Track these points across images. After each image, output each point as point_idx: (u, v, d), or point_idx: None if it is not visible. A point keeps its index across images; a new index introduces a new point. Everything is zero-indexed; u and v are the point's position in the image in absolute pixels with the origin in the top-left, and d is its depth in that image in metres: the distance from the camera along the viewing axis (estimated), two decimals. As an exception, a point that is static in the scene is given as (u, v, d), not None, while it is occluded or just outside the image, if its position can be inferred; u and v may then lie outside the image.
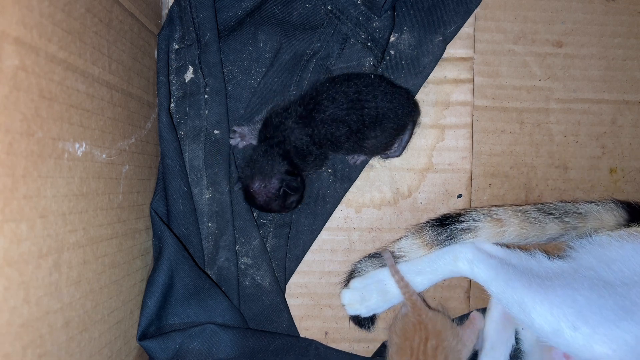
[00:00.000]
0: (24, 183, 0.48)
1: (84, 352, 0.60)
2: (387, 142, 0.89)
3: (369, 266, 0.91)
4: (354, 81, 0.84)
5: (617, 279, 0.75)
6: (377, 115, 0.83)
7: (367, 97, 0.83)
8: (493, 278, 0.81)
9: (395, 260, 0.88)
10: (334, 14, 0.91)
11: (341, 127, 0.83)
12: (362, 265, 0.92)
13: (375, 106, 0.83)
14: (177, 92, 0.90)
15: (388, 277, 0.87)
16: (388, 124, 0.85)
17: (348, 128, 0.83)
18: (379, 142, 0.86)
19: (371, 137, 0.84)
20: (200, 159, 0.90)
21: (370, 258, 0.92)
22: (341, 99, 0.82)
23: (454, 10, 0.94)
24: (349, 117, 0.82)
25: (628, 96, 0.99)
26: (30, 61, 0.49)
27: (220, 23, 0.92)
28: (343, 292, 0.90)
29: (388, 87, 0.85)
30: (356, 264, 0.93)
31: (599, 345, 0.70)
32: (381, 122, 0.84)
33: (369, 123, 0.83)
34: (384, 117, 0.83)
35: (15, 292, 0.47)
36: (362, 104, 0.82)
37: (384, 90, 0.84)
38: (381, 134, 0.85)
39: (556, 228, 0.86)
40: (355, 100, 0.82)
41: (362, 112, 0.82)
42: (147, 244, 0.84)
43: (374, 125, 0.84)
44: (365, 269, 0.91)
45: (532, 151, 0.99)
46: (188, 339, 0.81)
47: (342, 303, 0.90)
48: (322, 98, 0.83)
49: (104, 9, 0.66)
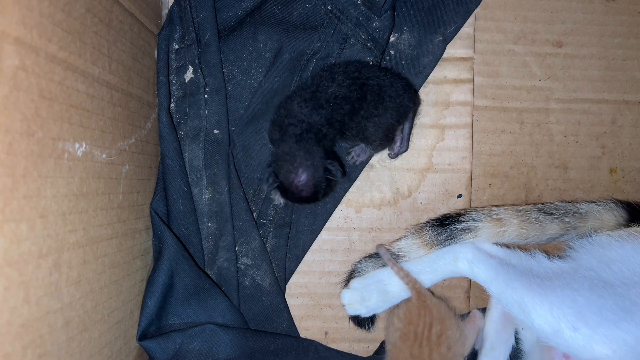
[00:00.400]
0: (24, 183, 0.48)
1: (84, 352, 0.60)
2: (389, 128, 0.87)
3: (369, 266, 0.91)
4: (354, 64, 0.85)
5: (617, 279, 0.75)
6: (378, 91, 0.83)
7: (367, 74, 0.83)
8: (493, 278, 0.81)
9: (396, 261, 0.88)
10: (334, 14, 0.91)
11: (344, 104, 0.82)
12: (362, 265, 0.92)
13: (376, 83, 0.83)
14: (177, 92, 0.90)
15: (388, 277, 0.87)
16: (389, 103, 0.84)
17: (350, 105, 0.82)
18: (382, 123, 0.85)
19: (373, 115, 0.83)
20: (200, 159, 0.90)
21: (370, 258, 0.92)
22: (341, 78, 0.82)
23: (454, 10, 0.94)
24: (350, 94, 0.82)
25: (628, 96, 0.99)
26: (30, 61, 0.49)
27: (220, 23, 0.92)
28: (343, 292, 0.90)
29: (389, 74, 0.86)
30: (356, 264, 0.93)
31: (599, 345, 0.70)
32: (383, 99, 0.83)
33: (370, 100, 0.82)
34: (385, 94, 0.83)
35: (15, 292, 0.47)
36: (363, 81, 0.82)
37: (385, 75, 0.85)
38: (383, 113, 0.84)
39: (556, 228, 0.86)
40: (355, 78, 0.82)
41: (363, 88, 0.82)
42: (147, 244, 0.84)
43: (376, 103, 0.83)
44: (365, 269, 0.91)
45: (532, 151, 0.99)
46: (188, 339, 0.81)
47: (342, 303, 0.90)
48: (322, 79, 0.83)
49: (104, 9, 0.66)
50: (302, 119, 0.81)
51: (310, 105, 0.81)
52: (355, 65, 0.85)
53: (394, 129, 0.89)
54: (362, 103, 0.82)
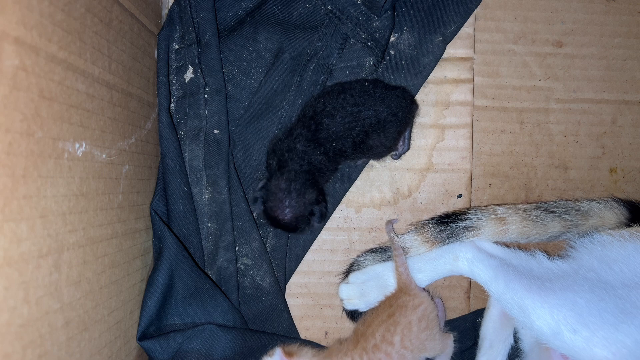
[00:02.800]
0: (24, 183, 0.48)
1: (84, 352, 0.60)
2: (392, 145, 0.89)
3: (369, 260, 0.91)
4: (349, 92, 0.84)
5: (618, 280, 0.75)
6: (377, 122, 0.84)
7: (364, 107, 0.83)
8: (493, 278, 0.81)
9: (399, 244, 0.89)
10: (334, 14, 0.91)
11: (345, 141, 0.84)
12: (363, 259, 0.91)
13: (374, 114, 0.83)
14: (177, 92, 0.90)
15: (388, 272, 0.87)
16: (390, 129, 0.85)
17: (352, 140, 0.84)
18: (384, 145, 0.87)
19: (376, 144, 0.86)
20: (200, 159, 0.90)
21: (371, 252, 0.92)
22: (340, 115, 0.83)
23: (454, 10, 0.94)
24: (351, 131, 0.83)
25: (628, 96, 0.99)
26: (30, 61, 0.49)
27: (220, 23, 0.92)
28: (341, 286, 0.90)
29: (384, 91, 0.85)
30: (357, 257, 0.92)
31: (599, 348, 0.69)
32: (383, 128, 0.85)
33: (371, 132, 0.84)
34: (385, 122, 0.84)
35: (15, 292, 0.47)
36: (361, 115, 0.83)
37: (381, 97, 0.84)
38: (385, 139, 0.86)
39: (558, 226, 0.85)
40: (354, 113, 0.83)
41: (362, 122, 0.83)
42: (147, 244, 0.84)
43: (377, 133, 0.84)
44: (365, 263, 0.91)
45: (532, 151, 0.99)
46: (188, 340, 0.81)
47: (340, 297, 0.90)
48: (322, 117, 0.83)
49: (104, 9, 0.66)
50: (304, 157, 0.83)
51: (312, 145, 0.83)
52: (351, 94, 0.84)
53: (397, 140, 0.91)
54: (363, 137, 0.84)
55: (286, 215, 0.82)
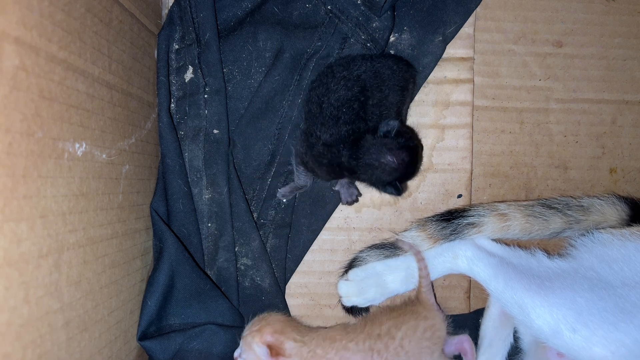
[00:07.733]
0: (24, 183, 0.48)
1: (84, 352, 0.60)
2: (400, 101, 0.87)
3: (371, 256, 0.90)
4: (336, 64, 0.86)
5: (618, 279, 0.75)
6: (374, 75, 0.83)
7: (356, 66, 0.84)
8: (492, 277, 0.81)
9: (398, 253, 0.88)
10: (334, 14, 0.91)
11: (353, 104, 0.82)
12: (365, 255, 0.91)
13: (370, 67, 0.84)
14: (177, 92, 0.90)
15: (388, 271, 0.87)
16: (390, 82, 0.85)
17: (357, 101, 0.82)
18: (391, 102, 0.85)
19: (382, 98, 0.84)
20: (200, 159, 0.90)
21: (374, 248, 0.91)
22: (336, 85, 0.83)
23: (454, 10, 0.94)
24: (351, 92, 0.82)
25: (628, 96, 0.99)
26: (30, 61, 0.49)
27: (220, 23, 0.92)
28: (340, 283, 0.89)
29: (373, 55, 0.87)
30: (358, 253, 0.92)
31: (598, 347, 0.70)
32: (383, 82, 0.84)
33: (369, 86, 0.83)
34: (383, 75, 0.84)
35: (15, 292, 0.47)
36: (355, 73, 0.83)
37: (370, 56, 0.86)
38: (389, 92, 0.85)
39: (559, 222, 0.86)
40: (348, 76, 0.83)
41: (360, 81, 0.83)
42: (147, 244, 0.84)
43: (379, 87, 0.84)
44: (367, 259, 0.90)
45: (532, 151, 0.99)
46: (188, 340, 0.81)
47: (339, 294, 0.89)
48: (321, 93, 0.83)
49: (104, 9, 0.66)
50: (337, 130, 0.82)
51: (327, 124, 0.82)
52: (341, 63, 0.85)
53: (404, 102, 0.89)
54: (368, 95, 0.83)
55: (388, 158, 0.79)
